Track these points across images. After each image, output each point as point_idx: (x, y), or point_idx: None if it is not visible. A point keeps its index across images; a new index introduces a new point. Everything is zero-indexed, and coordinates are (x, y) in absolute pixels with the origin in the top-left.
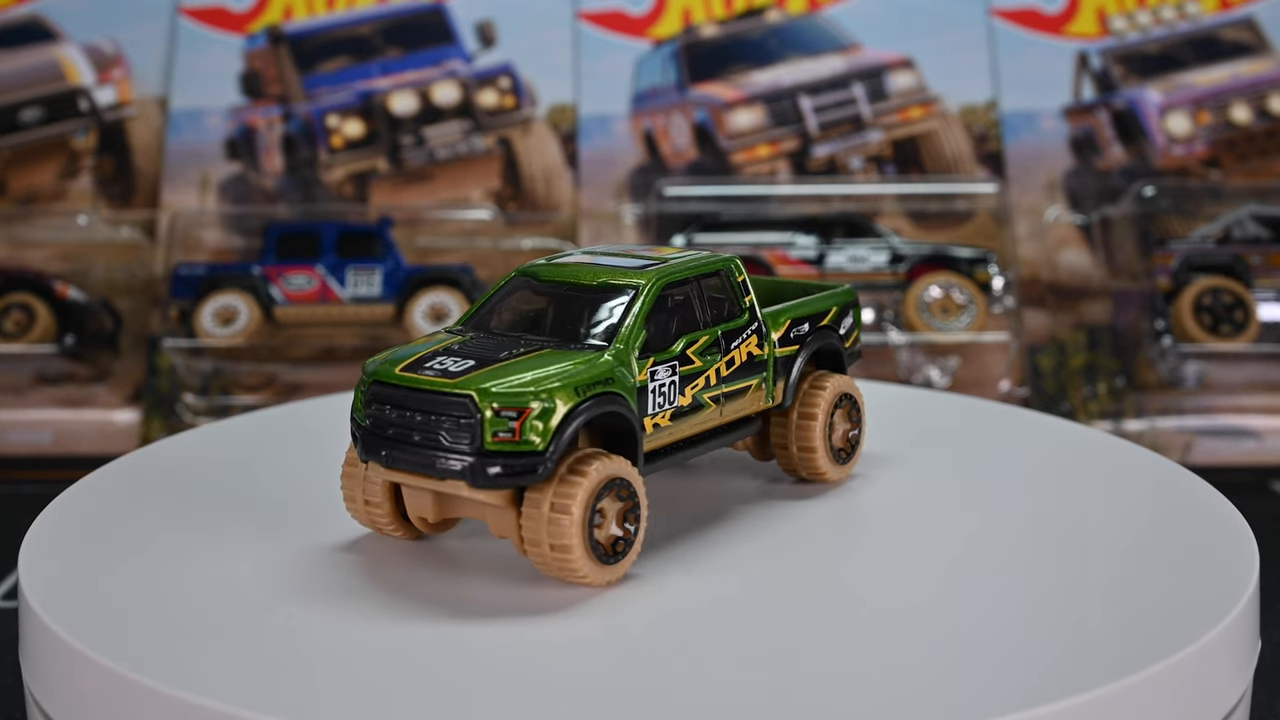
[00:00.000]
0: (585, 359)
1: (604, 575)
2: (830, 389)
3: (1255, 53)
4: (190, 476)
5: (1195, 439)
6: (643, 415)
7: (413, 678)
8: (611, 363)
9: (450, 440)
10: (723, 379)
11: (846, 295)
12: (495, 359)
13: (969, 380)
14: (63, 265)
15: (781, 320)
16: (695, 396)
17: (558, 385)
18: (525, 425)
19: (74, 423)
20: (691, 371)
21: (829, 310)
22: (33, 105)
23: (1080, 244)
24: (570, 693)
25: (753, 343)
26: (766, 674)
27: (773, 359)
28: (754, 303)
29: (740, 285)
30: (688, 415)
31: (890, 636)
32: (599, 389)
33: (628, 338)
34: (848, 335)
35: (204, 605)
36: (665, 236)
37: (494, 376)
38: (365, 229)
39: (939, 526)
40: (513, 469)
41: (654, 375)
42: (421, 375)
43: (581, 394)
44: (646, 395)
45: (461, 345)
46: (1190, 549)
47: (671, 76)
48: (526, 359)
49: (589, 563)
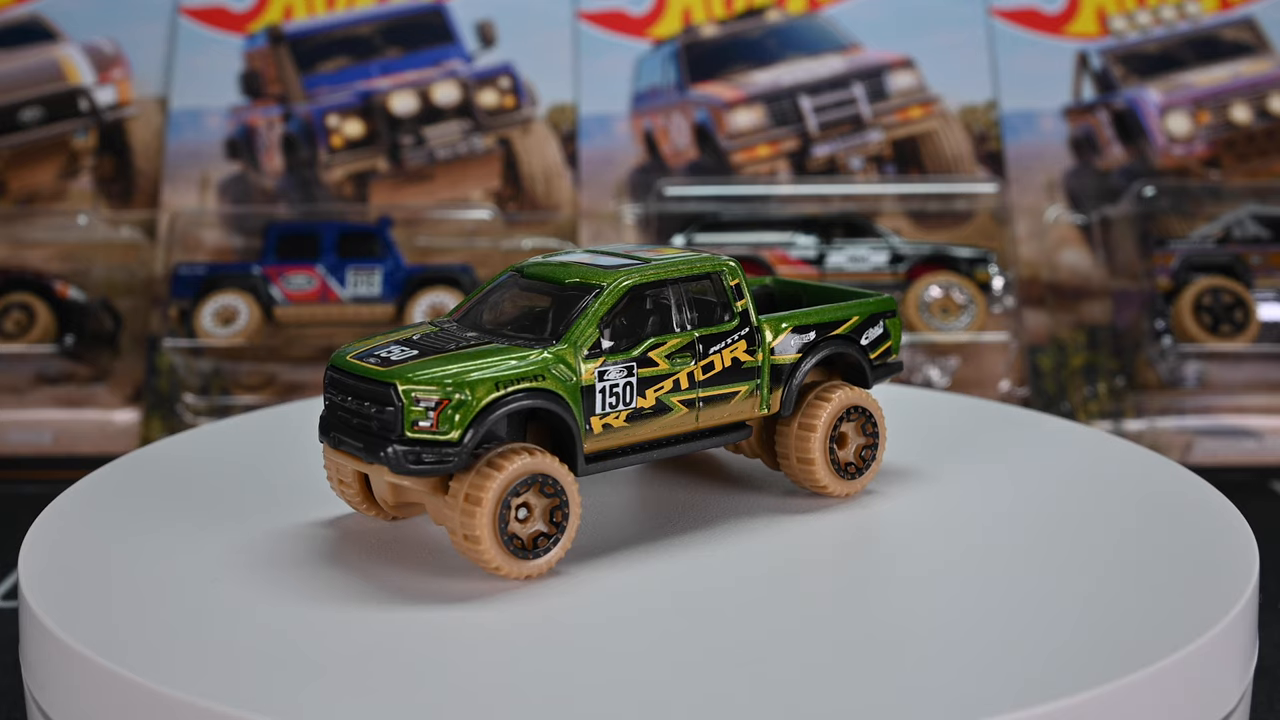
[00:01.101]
0: (523, 355)
1: (519, 569)
2: (836, 401)
3: (1255, 53)
4: (190, 476)
5: (1195, 439)
6: (589, 415)
7: (409, 676)
8: (547, 360)
9: (378, 427)
10: (699, 383)
11: (876, 305)
12: (441, 350)
13: (969, 380)
14: (63, 265)
15: (781, 327)
16: (660, 399)
17: (477, 379)
18: (442, 416)
19: (74, 423)
20: (655, 374)
21: (846, 319)
22: (33, 105)
23: (1080, 244)
24: (484, 677)
25: (740, 348)
26: (734, 672)
27: (767, 366)
28: (748, 308)
29: (733, 289)
30: (651, 418)
31: (890, 635)
32: (525, 385)
33: (573, 336)
34: (874, 346)
35: (204, 605)
36: (665, 236)
37: (424, 368)
38: (365, 229)
39: (938, 526)
40: (430, 458)
41: (603, 375)
42: (364, 363)
43: (502, 388)
44: (594, 395)
45: (422, 336)
46: (1190, 549)
47: (671, 76)
48: (468, 352)
49: (501, 555)
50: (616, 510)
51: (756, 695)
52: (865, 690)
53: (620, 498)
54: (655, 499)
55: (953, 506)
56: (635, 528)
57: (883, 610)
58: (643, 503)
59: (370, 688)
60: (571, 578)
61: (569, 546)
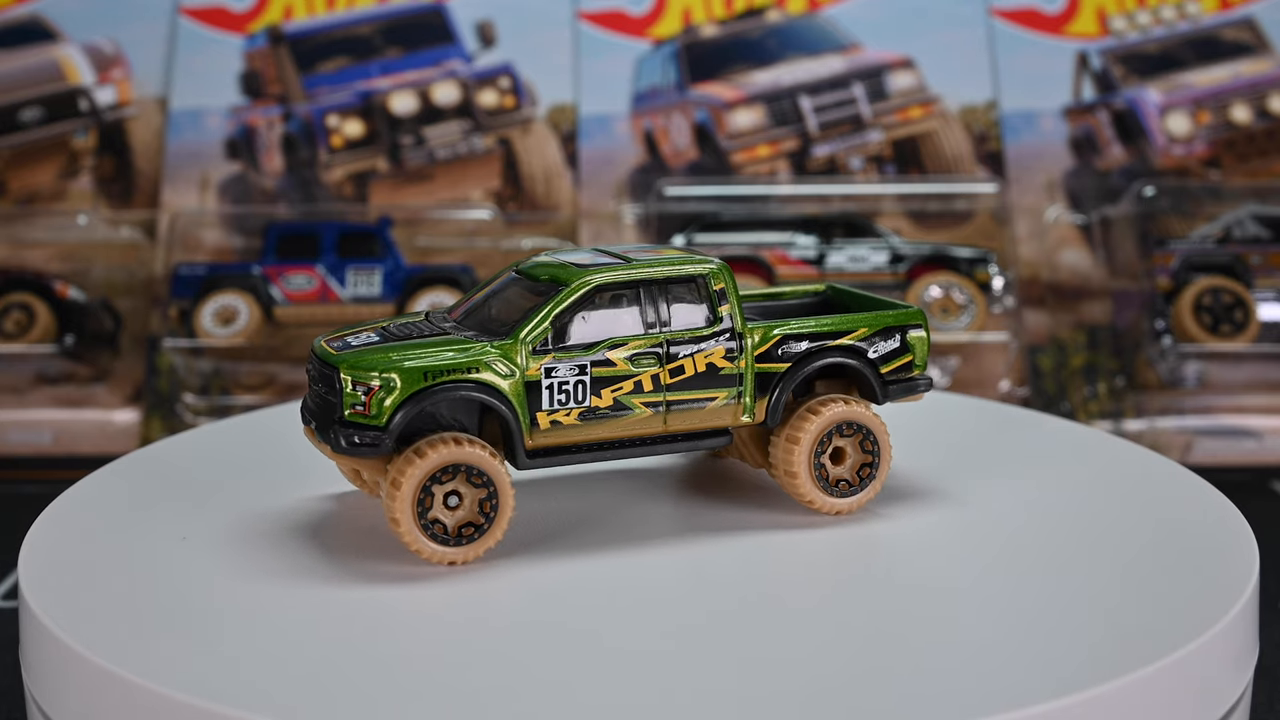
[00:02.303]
0: (466, 347)
1: (440, 554)
2: (826, 414)
3: (1255, 53)
4: (190, 477)
5: (1195, 439)
6: (535, 410)
7: (409, 676)
8: (486, 353)
9: (328, 408)
10: (666, 387)
11: (895, 317)
12: (401, 339)
13: (969, 380)
14: (63, 265)
15: (771, 335)
16: (619, 400)
17: (408, 367)
18: (373, 401)
19: (74, 423)
20: (613, 374)
21: (850, 330)
22: (33, 105)
23: (1080, 244)
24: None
25: (718, 354)
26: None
27: (751, 374)
28: (733, 313)
29: (717, 294)
30: (608, 418)
31: (889, 635)
32: (455, 376)
33: (521, 332)
34: (887, 360)
35: (203, 606)
36: (665, 236)
37: (368, 355)
38: (365, 229)
39: (938, 525)
40: (360, 440)
41: (550, 372)
42: (327, 346)
43: (430, 379)
44: (539, 391)
45: (399, 325)
46: (1190, 549)
47: (671, 76)
48: (419, 343)
49: (420, 539)
50: (609, 512)
51: (750, 693)
52: (865, 690)
53: (616, 499)
54: (651, 505)
55: (952, 506)
56: (626, 530)
57: (881, 610)
58: (638, 506)
59: (371, 688)
60: (511, 570)
61: (500, 538)
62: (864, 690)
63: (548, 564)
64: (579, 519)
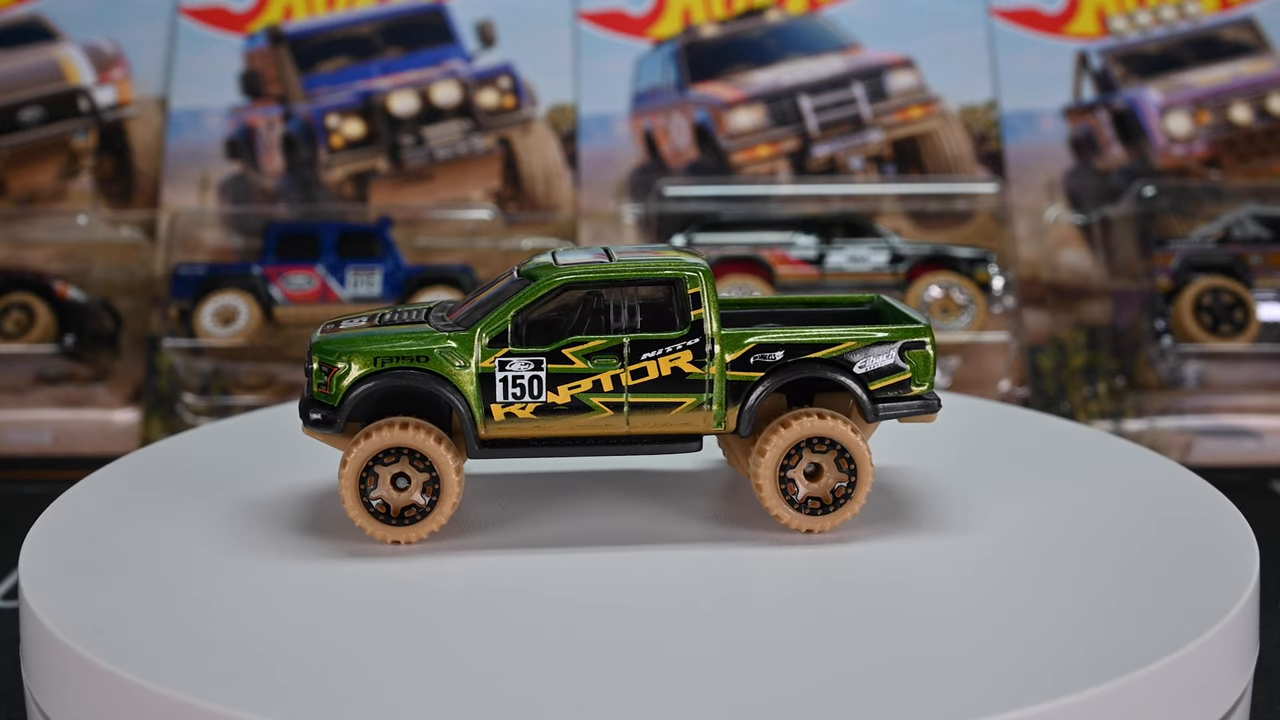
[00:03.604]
0: (423, 336)
1: (383, 532)
2: (796, 428)
3: (1255, 53)
4: (190, 476)
5: (1195, 439)
6: (488, 401)
7: (408, 677)
8: (441, 344)
9: (307, 386)
10: (628, 388)
11: (894, 333)
12: (381, 325)
13: (969, 380)
14: (63, 265)
15: (743, 344)
16: (577, 397)
17: (360, 352)
18: (331, 381)
19: (74, 423)
20: (570, 372)
21: (832, 344)
22: (33, 105)
23: (1080, 244)
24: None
25: (684, 358)
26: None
27: (722, 380)
28: (704, 318)
29: (691, 297)
30: (565, 415)
31: (889, 633)
32: (405, 363)
33: (479, 325)
34: (876, 377)
35: (203, 606)
36: (665, 236)
37: (339, 340)
38: (365, 229)
39: (938, 525)
40: (320, 419)
41: (505, 365)
42: (320, 331)
43: (380, 364)
44: (493, 383)
45: (391, 315)
46: (1190, 549)
47: (671, 76)
48: (391, 331)
49: (363, 516)
50: (600, 511)
51: (751, 693)
52: (865, 689)
53: (612, 499)
54: (651, 505)
55: (952, 506)
56: (615, 530)
57: (881, 609)
58: (638, 507)
59: (371, 690)
60: (455, 553)
61: (443, 522)
62: (864, 689)
63: (519, 556)
64: (577, 516)
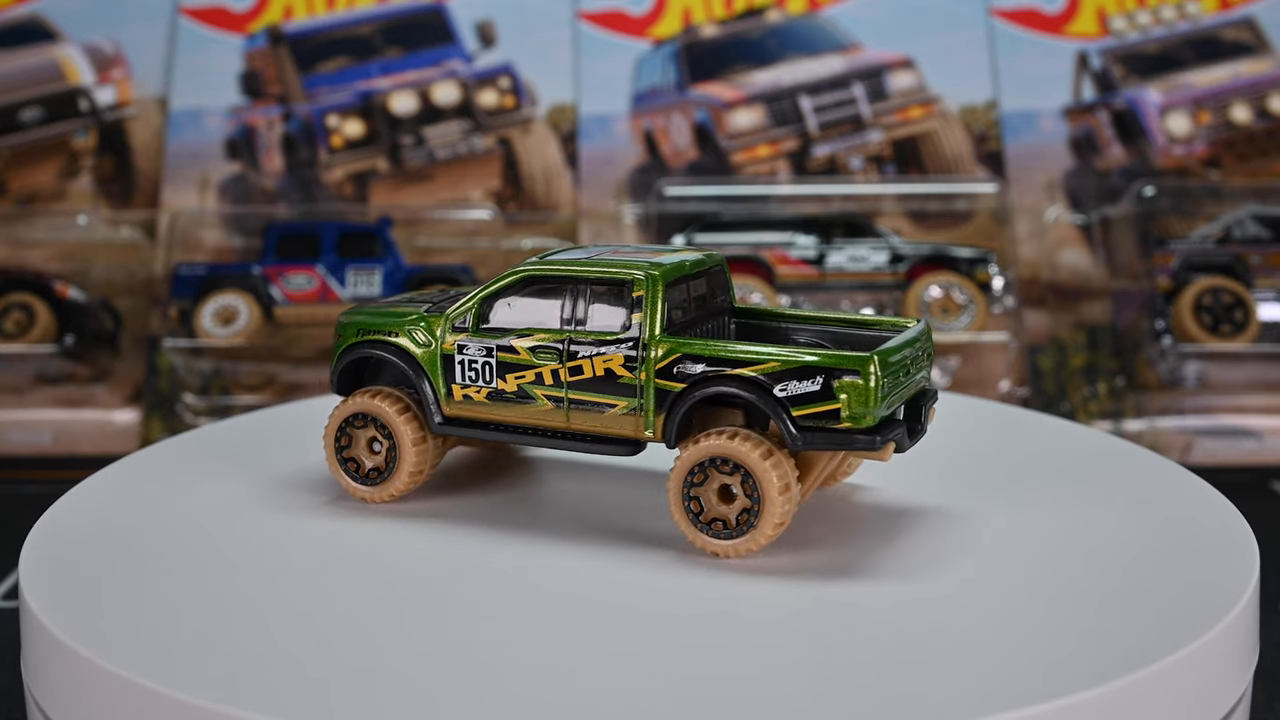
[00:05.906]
0: (401, 314)
1: (354, 489)
2: (699, 449)
3: (1255, 53)
4: (190, 477)
5: (1195, 439)
6: (450, 381)
7: (409, 677)
8: (413, 322)
9: None
10: (566, 384)
11: (825, 358)
12: (408, 303)
13: (969, 380)
14: (63, 265)
15: (670, 352)
16: (522, 387)
17: (356, 323)
18: (335, 347)
19: (74, 423)
20: (515, 362)
21: (755, 361)
22: (33, 105)
23: (1080, 244)
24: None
25: (616, 360)
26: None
27: (652, 387)
28: (643, 322)
29: (634, 301)
30: (513, 403)
31: (888, 634)
32: (376, 337)
33: (452, 308)
34: (801, 403)
35: (203, 606)
36: (665, 236)
37: (357, 311)
38: (365, 229)
39: (938, 525)
40: (331, 381)
41: (463, 349)
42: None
43: (360, 335)
44: (453, 364)
45: (433, 295)
46: (1190, 549)
47: (671, 76)
48: (393, 308)
49: (343, 475)
50: (589, 506)
51: (749, 693)
52: (865, 690)
53: (607, 499)
54: (640, 505)
55: (952, 507)
56: (604, 526)
57: (880, 609)
58: (628, 507)
59: (371, 690)
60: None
61: (405, 487)
62: (864, 690)
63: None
64: (572, 517)
